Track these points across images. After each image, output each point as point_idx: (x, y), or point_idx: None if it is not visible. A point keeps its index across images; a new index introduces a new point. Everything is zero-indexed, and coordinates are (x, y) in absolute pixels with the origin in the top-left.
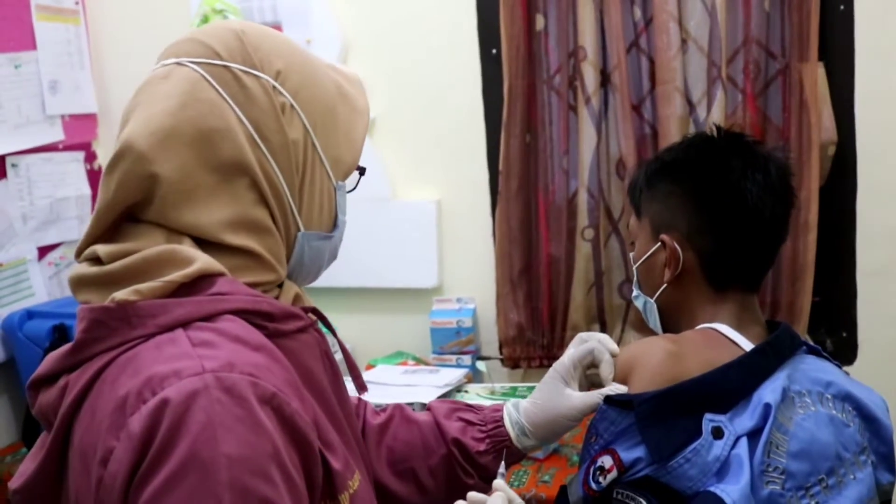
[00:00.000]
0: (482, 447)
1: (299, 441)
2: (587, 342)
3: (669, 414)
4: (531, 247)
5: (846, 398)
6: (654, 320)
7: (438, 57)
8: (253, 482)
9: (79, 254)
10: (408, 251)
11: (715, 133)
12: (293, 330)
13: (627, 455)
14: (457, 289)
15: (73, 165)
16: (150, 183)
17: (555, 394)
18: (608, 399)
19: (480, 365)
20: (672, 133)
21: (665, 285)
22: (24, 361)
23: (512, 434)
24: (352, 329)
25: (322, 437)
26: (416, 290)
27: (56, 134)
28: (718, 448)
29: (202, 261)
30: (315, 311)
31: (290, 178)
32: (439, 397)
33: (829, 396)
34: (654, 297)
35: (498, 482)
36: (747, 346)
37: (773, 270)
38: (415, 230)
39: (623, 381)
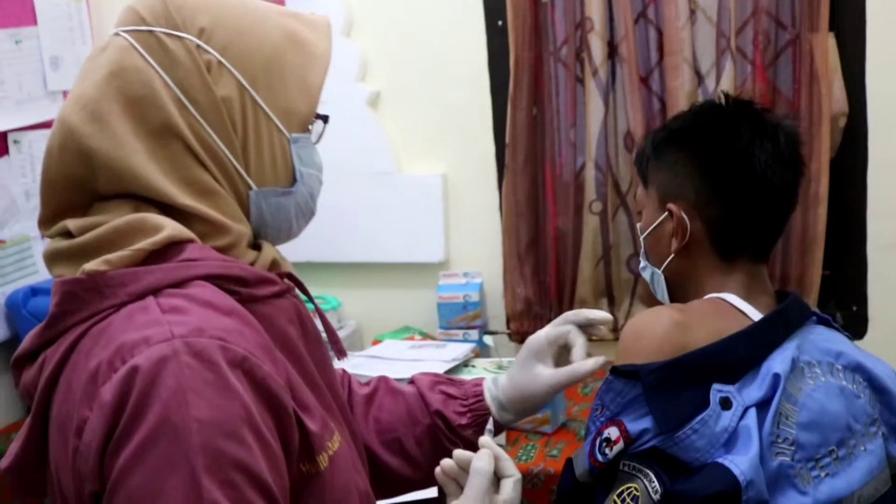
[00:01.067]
0: (464, 420)
1: (272, 403)
2: (566, 325)
3: (676, 384)
4: (538, 221)
5: (857, 369)
6: (661, 291)
7: (444, 29)
8: (226, 445)
9: (40, 226)
10: (414, 226)
11: (723, 101)
12: (267, 295)
13: (634, 426)
14: (463, 263)
15: None
16: (87, 156)
17: (525, 371)
18: (614, 369)
19: (487, 339)
20: (680, 105)
21: (672, 255)
22: None
23: (492, 408)
24: (358, 304)
25: (297, 400)
26: (422, 264)
27: (58, 110)
28: (726, 419)
29: (171, 227)
30: (291, 276)
31: (227, 137)
32: (446, 372)
33: (840, 367)
34: (662, 268)
35: (484, 439)
36: (756, 315)
37: (783, 243)
38: (421, 204)
39: (629, 351)
